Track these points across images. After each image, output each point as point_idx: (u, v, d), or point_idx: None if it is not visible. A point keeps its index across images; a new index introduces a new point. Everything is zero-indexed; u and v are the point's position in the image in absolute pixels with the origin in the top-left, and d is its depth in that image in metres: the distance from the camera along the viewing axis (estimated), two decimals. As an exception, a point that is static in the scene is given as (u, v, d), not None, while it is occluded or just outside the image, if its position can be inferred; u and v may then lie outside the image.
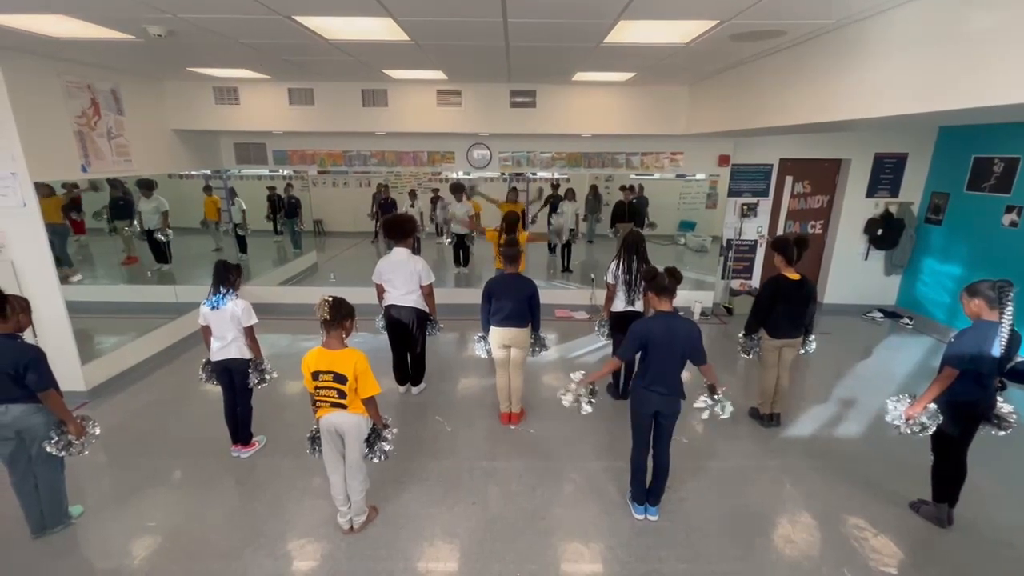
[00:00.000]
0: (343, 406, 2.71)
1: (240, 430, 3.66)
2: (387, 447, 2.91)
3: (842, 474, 3.58)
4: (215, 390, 3.63)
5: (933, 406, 2.84)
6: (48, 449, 2.72)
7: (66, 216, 5.78)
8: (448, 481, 3.47)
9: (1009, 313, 2.65)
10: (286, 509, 3.20)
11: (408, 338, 4.37)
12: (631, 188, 7.91)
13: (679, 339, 2.82)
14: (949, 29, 2.43)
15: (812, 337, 4.01)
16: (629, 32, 3.32)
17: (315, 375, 2.68)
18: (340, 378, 2.64)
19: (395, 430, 3.00)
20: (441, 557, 2.86)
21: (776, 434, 4.07)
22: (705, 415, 3.00)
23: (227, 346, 3.42)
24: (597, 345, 5.69)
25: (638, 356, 2.95)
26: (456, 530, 3.05)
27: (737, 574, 2.77)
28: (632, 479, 3.14)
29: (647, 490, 3.12)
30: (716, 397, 3.00)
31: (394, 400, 4.50)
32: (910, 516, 3.18)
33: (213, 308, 3.33)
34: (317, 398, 2.73)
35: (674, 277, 2.84)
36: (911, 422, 2.86)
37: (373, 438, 2.90)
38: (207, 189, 7.26)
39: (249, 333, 3.44)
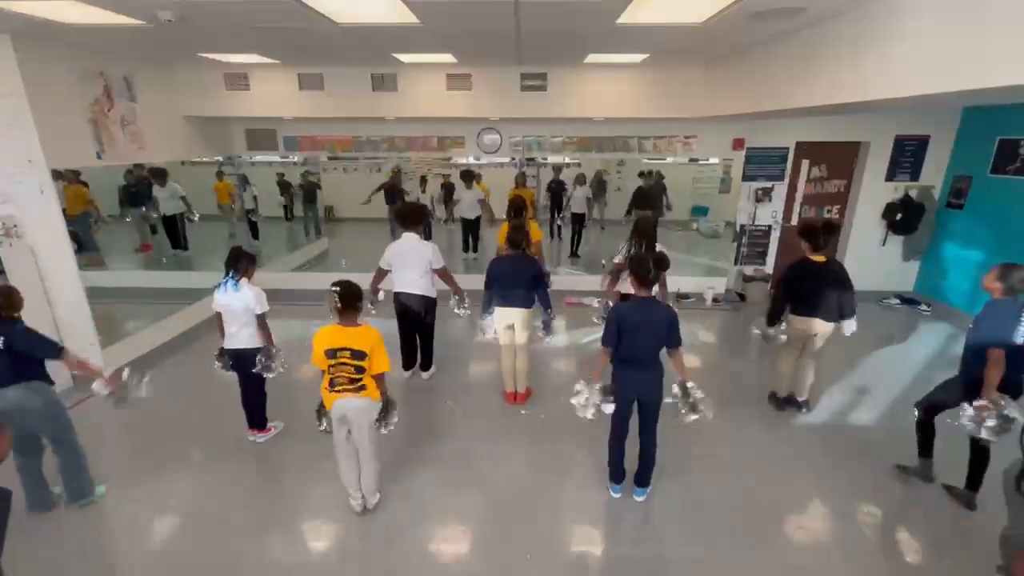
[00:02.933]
0: (359, 387, 2.73)
1: (255, 415, 3.72)
2: (395, 419, 2.98)
3: (855, 460, 3.55)
4: (231, 374, 3.69)
5: (1006, 401, 2.66)
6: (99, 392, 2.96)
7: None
8: (458, 464, 3.51)
9: None
10: (300, 491, 3.26)
11: (418, 325, 4.42)
12: (649, 174, 7.81)
13: (655, 324, 2.80)
14: (973, 5, 2.33)
15: (851, 320, 3.81)
16: (643, 11, 3.24)
17: (331, 353, 2.67)
18: (359, 354, 2.67)
19: (395, 418, 3.03)
20: (451, 539, 2.91)
21: (788, 420, 4.04)
22: (683, 412, 2.91)
23: (236, 334, 3.44)
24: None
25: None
26: (466, 512, 3.09)
27: (747, 559, 2.78)
28: (609, 461, 3.16)
29: (635, 474, 3.16)
30: (690, 396, 2.90)
31: (401, 384, 4.54)
32: (923, 502, 3.16)
33: (224, 293, 3.35)
34: (333, 378, 2.72)
35: (659, 265, 2.81)
36: (987, 417, 2.62)
37: (382, 414, 2.93)
38: (219, 175, 7.31)
39: (260, 321, 3.45)
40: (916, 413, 3.23)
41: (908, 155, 6.28)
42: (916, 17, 2.69)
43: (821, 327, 3.78)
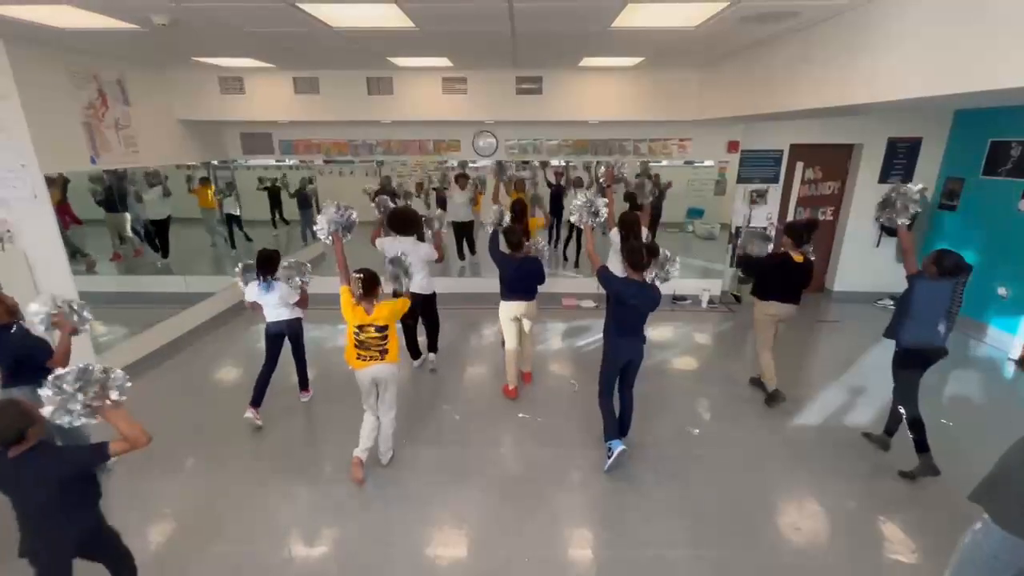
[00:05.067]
0: (383, 353, 3.20)
1: (300, 378, 4.30)
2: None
3: (851, 460, 3.57)
4: (228, 378, 3.69)
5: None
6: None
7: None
8: (456, 468, 3.50)
9: (958, 298, 3.12)
10: (298, 494, 3.25)
11: (418, 313, 4.62)
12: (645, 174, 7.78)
13: (647, 299, 3.22)
14: (967, 8, 2.36)
15: None
16: (637, 16, 3.26)
17: (360, 328, 3.13)
18: (381, 328, 3.15)
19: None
20: (450, 543, 2.90)
21: (784, 420, 4.06)
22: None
23: (277, 312, 3.88)
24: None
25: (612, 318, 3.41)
26: (465, 516, 3.09)
27: (744, 560, 2.79)
28: (606, 423, 3.46)
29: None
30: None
31: (405, 384, 4.52)
32: (919, 501, 3.18)
33: (265, 291, 3.78)
34: (361, 351, 3.17)
35: (651, 254, 3.22)
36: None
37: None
38: (203, 180, 7.22)
39: (301, 298, 3.94)
40: (903, 413, 3.41)
41: (901, 157, 6.33)
42: (908, 21, 2.72)
43: (787, 311, 4.13)
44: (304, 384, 4.33)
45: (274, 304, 3.83)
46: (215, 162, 6.82)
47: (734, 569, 2.74)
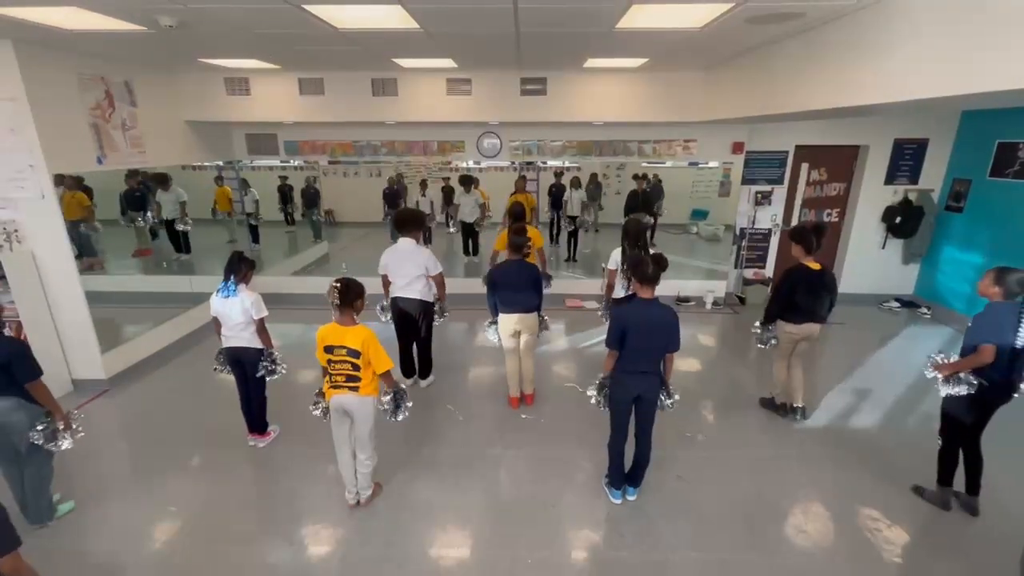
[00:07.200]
0: (355, 387, 2.84)
1: (255, 419, 3.71)
2: (409, 403, 3.07)
3: (856, 464, 3.55)
4: (232, 378, 3.68)
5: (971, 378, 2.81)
6: (34, 439, 2.68)
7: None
8: (460, 468, 3.50)
9: None
10: (302, 495, 3.26)
11: (414, 329, 4.38)
12: (644, 177, 7.82)
13: (658, 325, 2.82)
14: (973, 9, 2.34)
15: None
16: (642, 17, 3.26)
17: (328, 349, 2.81)
18: (354, 352, 2.77)
19: (409, 403, 3.11)
20: (453, 543, 2.90)
21: (790, 424, 4.04)
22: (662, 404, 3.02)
23: (236, 335, 3.44)
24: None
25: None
26: (468, 517, 3.09)
27: (748, 564, 2.77)
28: (610, 465, 3.17)
29: (626, 475, 3.17)
30: (669, 394, 3.02)
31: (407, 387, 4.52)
32: (925, 507, 3.16)
33: (225, 297, 3.36)
34: (332, 372, 2.85)
35: (658, 265, 2.80)
36: (950, 379, 2.84)
37: (393, 405, 3.01)
38: (218, 180, 7.30)
39: (260, 325, 3.45)
40: (939, 442, 3.13)
41: (907, 158, 6.30)
42: (914, 21, 2.70)
43: (809, 330, 3.81)
44: (256, 425, 3.74)
45: (234, 322, 3.38)
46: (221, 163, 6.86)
47: (738, 572, 2.72)
